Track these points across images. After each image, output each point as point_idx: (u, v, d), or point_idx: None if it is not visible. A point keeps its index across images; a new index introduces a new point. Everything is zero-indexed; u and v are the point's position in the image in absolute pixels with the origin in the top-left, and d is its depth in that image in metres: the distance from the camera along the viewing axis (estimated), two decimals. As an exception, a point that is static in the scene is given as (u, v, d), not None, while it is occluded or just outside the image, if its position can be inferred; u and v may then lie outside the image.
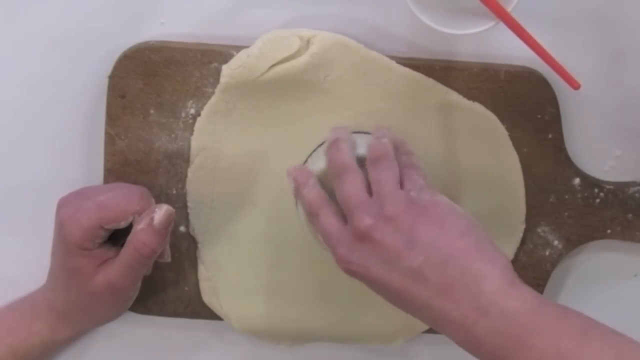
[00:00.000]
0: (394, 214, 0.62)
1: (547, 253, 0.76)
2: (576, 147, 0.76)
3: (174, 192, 0.75)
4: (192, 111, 0.74)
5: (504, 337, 0.57)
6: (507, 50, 0.74)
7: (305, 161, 0.74)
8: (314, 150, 0.74)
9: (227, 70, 0.73)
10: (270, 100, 0.73)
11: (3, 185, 0.77)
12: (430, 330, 0.77)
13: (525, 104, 0.74)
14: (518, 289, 0.59)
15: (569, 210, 0.76)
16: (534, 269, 0.76)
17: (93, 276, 0.70)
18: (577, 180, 0.75)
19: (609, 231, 0.76)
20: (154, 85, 0.74)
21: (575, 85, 0.69)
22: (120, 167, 0.75)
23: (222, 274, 0.76)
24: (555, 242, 0.76)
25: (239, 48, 0.73)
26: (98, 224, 0.69)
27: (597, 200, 0.76)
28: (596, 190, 0.75)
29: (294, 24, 0.74)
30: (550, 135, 0.75)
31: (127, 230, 0.70)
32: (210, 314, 0.77)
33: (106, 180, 0.75)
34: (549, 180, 0.75)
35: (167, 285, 0.76)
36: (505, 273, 0.60)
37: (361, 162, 0.67)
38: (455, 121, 0.74)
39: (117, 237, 0.71)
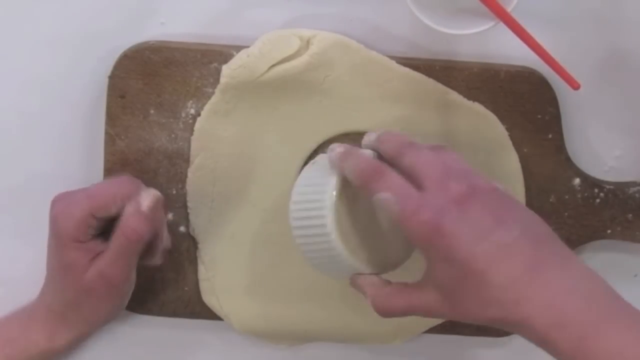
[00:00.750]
0: (485, 189, 0.60)
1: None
2: (576, 147, 0.76)
3: (174, 192, 0.75)
4: (192, 111, 0.74)
5: (591, 312, 0.56)
6: (507, 50, 0.74)
7: (305, 163, 0.74)
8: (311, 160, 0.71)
9: (227, 70, 0.73)
10: (270, 101, 0.73)
11: (3, 185, 0.77)
12: (430, 330, 0.77)
13: (525, 104, 0.74)
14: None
15: (569, 210, 0.76)
16: (534, 269, 0.76)
17: (86, 269, 0.70)
18: (577, 181, 0.75)
19: (609, 231, 0.76)
20: (154, 85, 0.74)
21: (575, 85, 0.69)
22: (120, 167, 0.75)
23: (222, 274, 0.76)
24: (555, 242, 0.76)
25: (239, 48, 0.73)
26: (89, 212, 0.69)
27: (597, 200, 0.76)
28: (596, 190, 0.75)
29: (294, 24, 0.74)
30: (550, 135, 0.75)
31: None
32: (210, 314, 0.77)
33: (106, 180, 0.75)
34: (549, 180, 0.75)
35: (167, 285, 0.76)
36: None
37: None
38: (455, 121, 0.74)
39: (110, 233, 0.72)
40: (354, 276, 0.65)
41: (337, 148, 0.64)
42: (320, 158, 0.68)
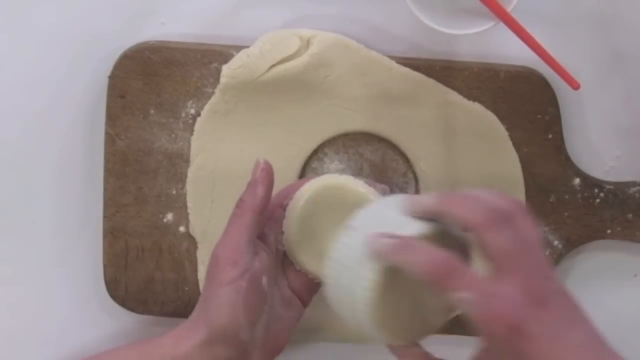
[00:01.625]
0: (559, 288, 0.59)
1: (547, 253, 0.76)
2: (576, 147, 0.76)
3: (174, 192, 0.75)
4: (192, 111, 0.74)
5: None
6: (507, 50, 0.74)
7: (305, 163, 0.74)
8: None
9: (227, 70, 0.73)
10: (270, 101, 0.73)
11: (3, 186, 0.77)
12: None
13: (525, 104, 0.74)
14: None
15: (569, 210, 0.76)
16: (534, 269, 0.76)
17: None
18: (577, 180, 0.75)
19: (609, 231, 0.76)
20: (154, 85, 0.74)
21: (575, 85, 0.69)
22: (120, 167, 0.75)
23: (222, 274, 0.76)
24: (555, 242, 0.76)
25: (239, 48, 0.73)
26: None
27: (597, 200, 0.76)
28: (596, 190, 0.75)
29: (294, 24, 0.74)
30: (550, 135, 0.75)
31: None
32: (210, 314, 0.77)
33: (106, 180, 0.75)
34: (549, 180, 0.75)
35: (167, 285, 0.76)
36: None
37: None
38: (455, 121, 0.74)
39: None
40: (395, 347, 0.65)
41: (384, 239, 0.59)
42: (358, 221, 0.62)
